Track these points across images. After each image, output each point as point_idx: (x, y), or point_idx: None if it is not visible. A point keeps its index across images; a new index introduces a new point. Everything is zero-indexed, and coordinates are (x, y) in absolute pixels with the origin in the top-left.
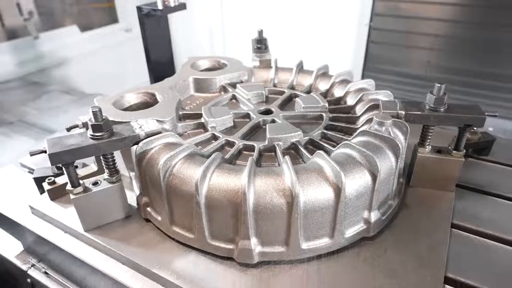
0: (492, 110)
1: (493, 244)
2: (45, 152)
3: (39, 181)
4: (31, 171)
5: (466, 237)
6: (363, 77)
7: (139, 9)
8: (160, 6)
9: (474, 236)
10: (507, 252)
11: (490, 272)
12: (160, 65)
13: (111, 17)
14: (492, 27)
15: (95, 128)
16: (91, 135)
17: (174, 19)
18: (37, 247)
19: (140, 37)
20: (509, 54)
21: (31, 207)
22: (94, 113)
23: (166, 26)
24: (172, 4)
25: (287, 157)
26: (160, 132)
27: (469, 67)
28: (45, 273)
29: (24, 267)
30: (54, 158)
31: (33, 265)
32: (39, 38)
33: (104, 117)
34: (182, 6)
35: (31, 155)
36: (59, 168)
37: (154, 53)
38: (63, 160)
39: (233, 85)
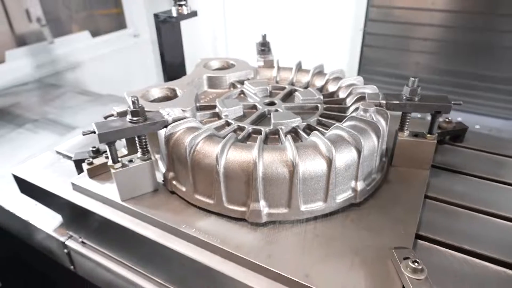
0: (479, 108)
1: (462, 211)
2: (94, 132)
3: (77, 163)
4: (65, 156)
5: (438, 206)
6: None
7: (156, 16)
8: (174, 14)
9: (446, 205)
10: (474, 217)
11: (458, 231)
12: (173, 66)
13: (120, 23)
14: (479, 32)
15: (133, 113)
16: (129, 119)
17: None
18: (77, 219)
19: (147, 41)
20: (495, 56)
21: (73, 184)
22: (133, 102)
23: (179, 32)
24: (185, 12)
25: (289, 136)
26: (184, 118)
27: (458, 69)
28: (82, 242)
29: (62, 238)
30: (101, 137)
31: (70, 237)
32: (54, 43)
33: (140, 105)
34: (194, 14)
35: (83, 134)
36: (94, 152)
37: (168, 56)
38: (108, 139)
39: (241, 82)
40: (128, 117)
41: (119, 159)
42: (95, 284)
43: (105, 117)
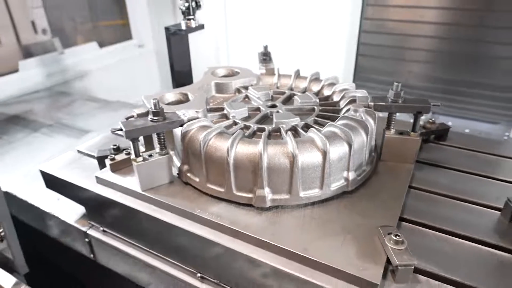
0: (469, 113)
1: (443, 199)
2: (121, 130)
3: (100, 159)
4: (85, 155)
5: (421, 194)
6: None
7: (167, 29)
8: (183, 27)
9: (428, 193)
10: (454, 204)
11: (438, 215)
12: (182, 74)
13: (126, 34)
14: (468, 42)
15: (155, 113)
16: (151, 118)
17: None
18: (99, 209)
19: (151, 52)
20: (483, 65)
21: (97, 177)
22: (154, 103)
23: (187, 43)
24: (193, 25)
25: (289, 132)
26: (198, 118)
27: (448, 77)
28: (103, 231)
29: (83, 228)
30: (128, 133)
31: (91, 226)
32: (64, 53)
33: (160, 107)
34: (201, 27)
35: (112, 132)
36: (115, 150)
37: (177, 65)
38: (133, 135)
39: (245, 88)
40: (150, 116)
41: (140, 154)
42: (113, 272)
43: (127, 118)
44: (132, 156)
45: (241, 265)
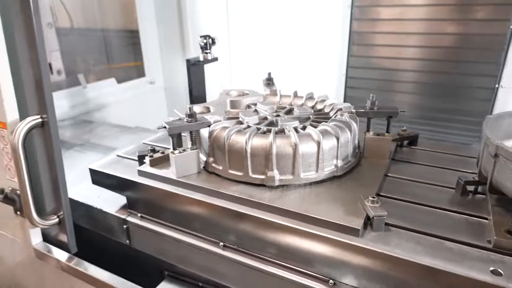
0: (447, 136)
1: (411, 182)
2: (165, 127)
3: (140, 158)
4: (124, 158)
5: (394, 180)
6: None
7: (188, 60)
8: (201, 59)
9: (400, 179)
10: (420, 186)
11: (408, 193)
12: (198, 98)
13: (140, 72)
14: (446, 74)
15: (189, 116)
16: (186, 120)
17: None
18: (140, 197)
19: (161, 88)
20: (460, 94)
21: (139, 170)
22: (189, 108)
23: (203, 72)
24: (209, 58)
25: (292, 129)
26: (220, 121)
27: (429, 105)
28: (141, 217)
29: (123, 216)
30: (170, 130)
31: (130, 214)
32: (86, 88)
33: (193, 111)
34: (215, 59)
35: (158, 128)
36: (151, 151)
37: (195, 90)
38: (174, 132)
39: (254, 104)
40: (186, 118)
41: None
42: (146, 256)
43: (158, 128)
44: (171, 150)
45: (257, 228)
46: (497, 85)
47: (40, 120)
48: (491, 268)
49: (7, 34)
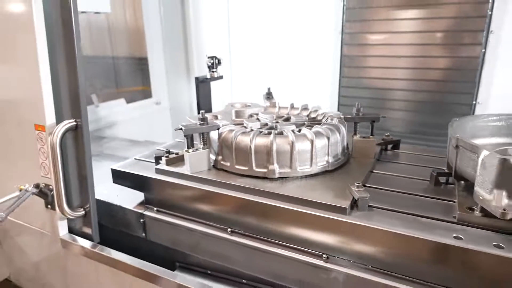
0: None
1: (393, 177)
2: (181, 129)
3: (157, 159)
4: (141, 160)
5: (379, 175)
6: None
7: (196, 78)
8: (208, 76)
9: (383, 175)
10: (400, 178)
11: (389, 183)
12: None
13: (147, 94)
14: (433, 93)
15: (202, 120)
16: (199, 123)
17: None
18: (156, 192)
19: (166, 108)
20: (444, 110)
21: (156, 169)
22: (202, 113)
23: (209, 89)
24: (215, 76)
25: (290, 130)
26: (228, 125)
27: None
28: (157, 210)
29: (140, 210)
30: (186, 131)
31: (147, 208)
32: (99, 107)
33: (205, 116)
34: (221, 77)
35: (175, 129)
36: (167, 152)
37: (202, 104)
38: (189, 132)
39: (256, 114)
40: (199, 122)
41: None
42: (158, 249)
43: (176, 128)
44: (185, 148)
45: (260, 212)
46: (474, 102)
47: (74, 123)
48: (454, 235)
49: (50, 54)
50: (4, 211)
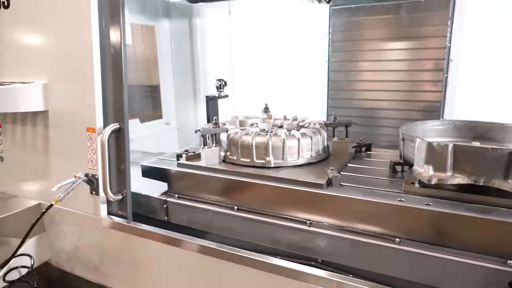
0: None
1: (364, 168)
2: (199, 130)
3: (178, 156)
4: (164, 159)
5: (352, 167)
6: None
7: (207, 97)
8: (217, 95)
9: (356, 167)
10: (369, 169)
11: (361, 171)
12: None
13: (158, 115)
14: (421, 112)
15: (215, 124)
16: (213, 126)
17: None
18: (178, 181)
19: (174, 128)
20: None
21: (178, 163)
22: (215, 119)
23: (217, 105)
24: (222, 95)
25: (282, 131)
26: (234, 128)
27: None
28: (178, 197)
29: (163, 198)
30: (203, 131)
31: (169, 196)
32: None
33: (218, 121)
34: (227, 96)
35: (195, 132)
36: (186, 151)
37: (211, 117)
38: (205, 133)
39: (256, 123)
40: (212, 125)
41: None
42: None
43: (196, 131)
44: (202, 146)
45: (260, 192)
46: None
47: (118, 126)
48: (398, 199)
49: (102, 75)
50: (63, 193)
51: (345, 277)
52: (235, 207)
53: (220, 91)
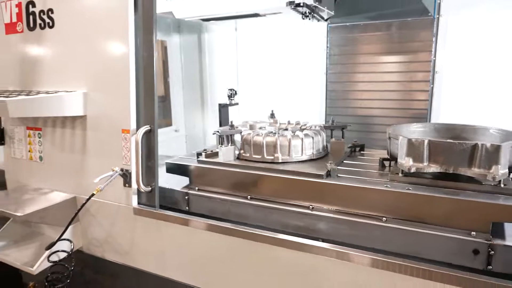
0: None
1: (357, 163)
2: (218, 132)
3: (197, 154)
4: (186, 157)
5: (348, 163)
6: None
7: (220, 104)
8: (228, 102)
9: (351, 162)
10: (362, 165)
11: (354, 165)
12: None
13: (168, 123)
14: (407, 119)
15: (231, 126)
16: (229, 128)
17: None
18: (199, 175)
19: (183, 135)
20: None
21: (198, 160)
22: (231, 122)
23: (228, 112)
24: (233, 103)
25: (288, 132)
26: (246, 129)
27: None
28: (198, 189)
29: (185, 190)
30: (221, 133)
31: (190, 188)
32: None
33: (233, 124)
34: (237, 104)
35: (213, 133)
36: (204, 150)
37: (223, 122)
38: (223, 134)
39: (264, 127)
40: (228, 127)
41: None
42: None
43: (213, 133)
44: (219, 145)
45: (270, 183)
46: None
47: (149, 128)
48: (385, 185)
49: (136, 81)
50: (103, 184)
51: (341, 247)
52: (248, 197)
53: (231, 99)
